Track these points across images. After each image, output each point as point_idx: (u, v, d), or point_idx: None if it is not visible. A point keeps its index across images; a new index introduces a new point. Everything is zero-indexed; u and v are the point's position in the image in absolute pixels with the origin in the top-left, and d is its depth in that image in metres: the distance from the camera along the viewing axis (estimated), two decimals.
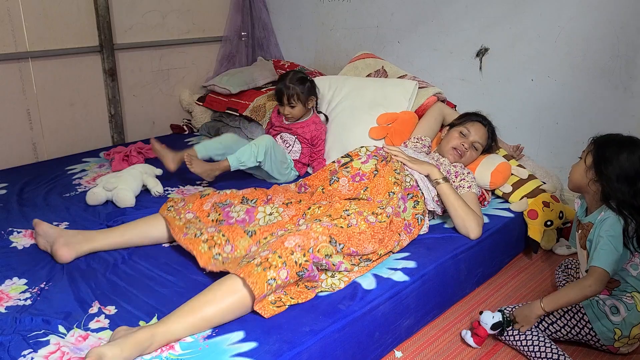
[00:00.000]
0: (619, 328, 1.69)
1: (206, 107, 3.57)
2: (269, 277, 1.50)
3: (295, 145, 2.74)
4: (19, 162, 2.92)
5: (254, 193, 2.03)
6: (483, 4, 2.75)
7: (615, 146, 1.73)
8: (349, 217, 1.81)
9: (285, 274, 1.53)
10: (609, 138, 1.77)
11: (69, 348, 1.40)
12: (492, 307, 1.97)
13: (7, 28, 2.79)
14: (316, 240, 1.64)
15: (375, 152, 2.15)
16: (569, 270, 2.10)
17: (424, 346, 1.81)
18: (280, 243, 1.59)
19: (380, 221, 1.85)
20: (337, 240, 1.70)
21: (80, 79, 3.13)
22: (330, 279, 1.71)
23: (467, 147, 2.33)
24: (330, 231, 1.70)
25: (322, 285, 1.68)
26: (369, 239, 1.79)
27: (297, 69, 3.31)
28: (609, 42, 2.40)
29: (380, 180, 2.03)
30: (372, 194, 1.99)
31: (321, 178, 2.14)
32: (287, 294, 1.59)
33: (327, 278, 1.71)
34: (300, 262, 1.57)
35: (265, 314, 1.52)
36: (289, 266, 1.54)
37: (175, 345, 1.41)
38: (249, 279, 1.48)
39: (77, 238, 1.88)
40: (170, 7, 3.45)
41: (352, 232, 1.76)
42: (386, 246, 1.88)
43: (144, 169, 2.54)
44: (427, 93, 2.77)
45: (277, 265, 1.52)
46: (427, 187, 2.11)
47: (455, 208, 2.05)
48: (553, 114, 2.64)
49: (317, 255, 1.62)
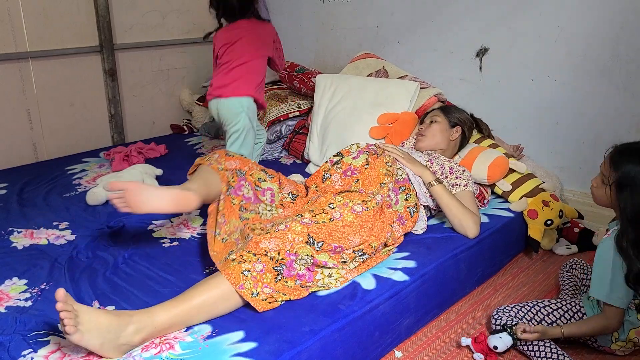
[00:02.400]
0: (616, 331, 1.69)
1: (206, 107, 3.57)
2: (244, 268, 1.53)
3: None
4: (19, 162, 2.92)
5: (270, 170, 2.08)
6: (483, 4, 2.75)
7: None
8: (332, 210, 1.76)
9: (261, 267, 1.56)
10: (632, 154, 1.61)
11: (69, 348, 1.40)
12: (492, 307, 1.97)
13: (7, 28, 2.79)
14: (292, 242, 1.64)
15: (367, 148, 2.15)
16: (574, 270, 2.08)
17: (424, 346, 1.81)
18: (255, 244, 1.60)
19: (368, 209, 1.80)
20: (315, 239, 1.67)
21: (80, 79, 3.13)
22: (327, 279, 1.69)
23: (426, 126, 2.37)
24: (309, 229, 1.68)
25: (318, 284, 1.67)
26: (357, 230, 1.75)
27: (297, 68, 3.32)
28: (609, 42, 2.40)
29: (372, 172, 2.02)
30: (364, 185, 1.98)
31: (315, 179, 2.14)
32: (279, 292, 1.58)
33: (323, 277, 1.69)
34: (277, 259, 1.59)
35: (257, 307, 1.53)
36: (264, 262, 1.57)
37: (175, 345, 1.41)
38: (225, 271, 1.52)
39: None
40: (170, 7, 3.45)
41: (334, 226, 1.71)
42: (378, 236, 1.82)
43: (144, 169, 2.54)
44: (428, 94, 2.77)
45: (252, 260, 1.56)
46: (418, 181, 2.10)
47: (450, 209, 2.05)
48: (553, 114, 2.64)
49: (293, 254, 1.64)
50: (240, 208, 1.90)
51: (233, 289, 1.51)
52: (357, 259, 1.77)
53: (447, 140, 2.35)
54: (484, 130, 2.58)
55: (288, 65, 3.38)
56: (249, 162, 2.04)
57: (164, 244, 2.01)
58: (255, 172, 2.02)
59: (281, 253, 1.61)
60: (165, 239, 2.05)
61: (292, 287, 1.62)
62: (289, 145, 3.12)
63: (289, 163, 3.01)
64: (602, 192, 1.68)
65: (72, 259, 1.87)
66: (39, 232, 2.08)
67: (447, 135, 2.35)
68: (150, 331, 1.41)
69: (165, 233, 2.10)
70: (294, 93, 3.32)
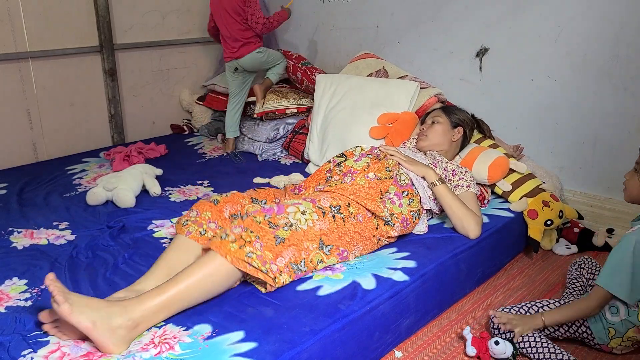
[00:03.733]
0: (613, 328, 1.69)
1: (206, 106, 3.57)
2: (247, 251, 1.55)
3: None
4: (19, 162, 2.92)
5: (259, 193, 2.01)
6: (483, 4, 2.75)
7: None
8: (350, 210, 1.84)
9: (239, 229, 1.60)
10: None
11: (69, 348, 1.40)
12: (492, 307, 1.97)
13: (7, 28, 2.79)
14: (307, 250, 1.70)
15: (370, 151, 2.15)
16: (582, 270, 2.06)
17: (424, 346, 1.81)
18: (275, 257, 1.61)
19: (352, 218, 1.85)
20: (324, 243, 1.75)
21: (80, 79, 3.14)
22: (299, 214, 1.71)
23: (427, 127, 2.37)
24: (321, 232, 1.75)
25: (289, 218, 1.68)
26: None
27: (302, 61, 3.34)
28: (609, 42, 2.40)
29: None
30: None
31: (317, 178, 2.14)
32: (248, 229, 1.59)
33: (295, 212, 1.71)
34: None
35: (232, 260, 1.53)
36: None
37: (175, 345, 1.41)
38: (228, 256, 1.53)
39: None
40: (170, 7, 3.45)
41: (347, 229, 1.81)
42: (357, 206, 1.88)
43: (144, 169, 2.54)
44: (428, 94, 2.77)
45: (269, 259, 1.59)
46: (423, 186, 2.10)
47: (452, 209, 2.05)
48: (553, 114, 2.64)
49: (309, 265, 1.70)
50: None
51: (212, 253, 1.53)
52: (331, 214, 1.79)
53: (448, 141, 2.35)
54: (485, 130, 2.58)
55: (296, 56, 3.39)
56: (237, 202, 1.90)
57: (164, 244, 2.01)
58: (248, 207, 1.91)
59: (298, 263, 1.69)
60: (165, 239, 2.05)
61: (261, 223, 1.62)
62: (288, 145, 3.12)
63: (289, 163, 3.01)
64: (634, 182, 1.70)
65: (72, 259, 1.87)
66: (39, 232, 2.08)
67: (449, 136, 2.35)
68: (143, 314, 1.42)
69: (165, 233, 2.10)
70: (295, 91, 3.33)
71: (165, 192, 2.51)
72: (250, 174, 2.76)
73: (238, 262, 1.53)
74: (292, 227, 1.67)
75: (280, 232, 1.64)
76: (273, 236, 1.62)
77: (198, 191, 2.54)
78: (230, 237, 1.56)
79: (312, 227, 1.72)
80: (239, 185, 2.61)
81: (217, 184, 2.63)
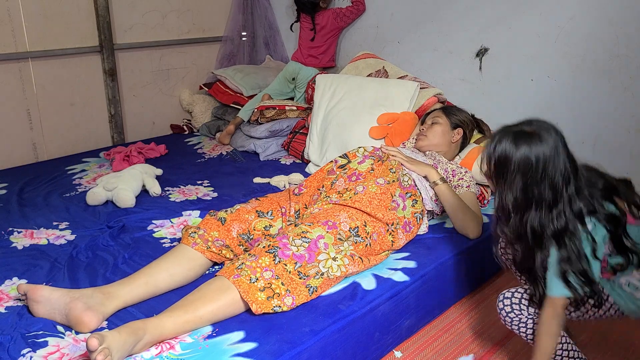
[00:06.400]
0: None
1: (210, 94, 3.56)
2: (274, 304, 1.56)
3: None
4: (19, 162, 2.92)
5: (263, 204, 1.98)
6: (483, 4, 2.75)
7: None
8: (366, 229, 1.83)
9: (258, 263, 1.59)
10: None
11: (68, 348, 1.40)
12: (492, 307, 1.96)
13: (7, 28, 2.79)
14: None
15: (372, 153, 2.15)
16: None
17: (424, 346, 1.81)
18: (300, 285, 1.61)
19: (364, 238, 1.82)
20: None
21: (80, 79, 3.13)
22: (330, 261, 1.67)
23: (427, 127, 2.38)
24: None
25: (320, 267, 1.64)
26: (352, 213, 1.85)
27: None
28: (609, 42, 2.40)
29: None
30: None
31: (319, 179, 2.13)
32: (279, 278, 1.57)
33: (327, 259, 1.67)
34: (269, 244, 1.66)
35: (257, 309, 1.51)
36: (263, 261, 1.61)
37: (176, 345, 1.41)
38: (226, 274, 1.55)
39: (96, 298, 1.54)
40: (170, 7, 3.45)
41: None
42: (374, 222, 1.87)
43: (144, 169, 2.54)
44: (427, 94, 2.77)
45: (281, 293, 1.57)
46: (425, 187, 2.10)
47: (453, 209, 2.05)
48: (553, 113, 2.62)
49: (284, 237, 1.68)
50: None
51: (232, 287, 1.51)
52: (352, 239, 1.76)
53: (448, 142, 2.35)
54: (485, 131, 2.58)
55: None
56: (245, 220, 1.88)
57: (164, 244, 2.01)
58: (256, 223, 1.89)
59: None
60: (165, 239, 2.05)
61: (291, 273, 1.59)
62: (288, 145, 3.12)
63: (289, 163, 3.01)
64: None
65: (72, 259, 1.87)
66: (39, 232, 2.08)
67: (449, 137, 2.35)
68: (158, 339, 1.42)
69: (165, 233, 2.10)
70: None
71: (165, 192, 2.51)
72: (250, 174, 2.76)
73: (262, 310, 1.53)
74: (324, 276, 1.65)
75: (312, 281, 1.63)
76: (305, 286, 1.61)
77: (198, 191, 2.54)
78: (259, 283, 1.54)
79: (345, 272, 1.71)
80: (239, 185, 2.61)
81: (217, 184, 2.63)
